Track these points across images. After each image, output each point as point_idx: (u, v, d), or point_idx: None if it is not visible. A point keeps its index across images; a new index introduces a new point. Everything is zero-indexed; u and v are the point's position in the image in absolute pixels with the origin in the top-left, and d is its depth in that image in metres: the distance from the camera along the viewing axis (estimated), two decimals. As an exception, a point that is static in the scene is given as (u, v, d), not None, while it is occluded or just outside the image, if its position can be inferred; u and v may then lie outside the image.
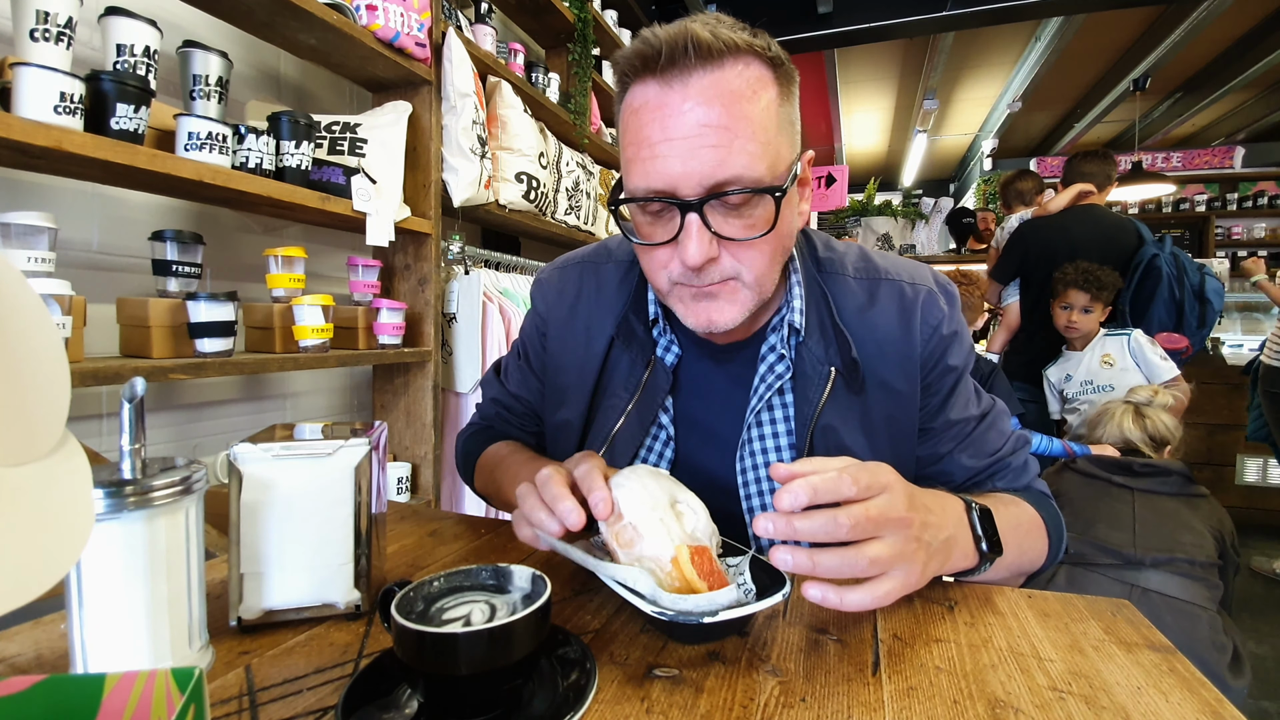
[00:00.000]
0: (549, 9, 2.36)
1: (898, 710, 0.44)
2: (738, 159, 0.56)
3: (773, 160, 0.58)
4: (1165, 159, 6.48)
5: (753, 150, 0.57)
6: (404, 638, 0.40)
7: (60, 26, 0.95)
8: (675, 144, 0.57)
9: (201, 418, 1.48)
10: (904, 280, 0.74)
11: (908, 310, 0.72)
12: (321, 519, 0.54)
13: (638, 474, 0.57)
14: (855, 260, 0.76)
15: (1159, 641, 0.55)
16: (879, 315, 0.72)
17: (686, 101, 0.56)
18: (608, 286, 0.81)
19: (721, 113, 0.56)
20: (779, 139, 0.59)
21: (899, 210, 4.99)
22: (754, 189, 0.57)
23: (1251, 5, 4.09)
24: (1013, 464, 0.76)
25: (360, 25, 1.47)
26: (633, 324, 0.76)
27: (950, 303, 0.74)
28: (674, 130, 0.56)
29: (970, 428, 0.75)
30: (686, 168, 0.57)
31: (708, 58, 0.56)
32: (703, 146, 0.56)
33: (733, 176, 0.57)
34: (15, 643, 0.51)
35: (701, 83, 0.56)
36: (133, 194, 1.30)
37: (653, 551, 0.52)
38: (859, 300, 0.73)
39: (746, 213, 0.60)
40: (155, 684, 0.29)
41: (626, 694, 0.45)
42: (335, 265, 1.82)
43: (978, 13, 3.46)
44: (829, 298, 0.73)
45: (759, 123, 0.57)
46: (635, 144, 0.60)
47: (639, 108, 0.59)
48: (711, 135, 0.56)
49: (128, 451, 0.44)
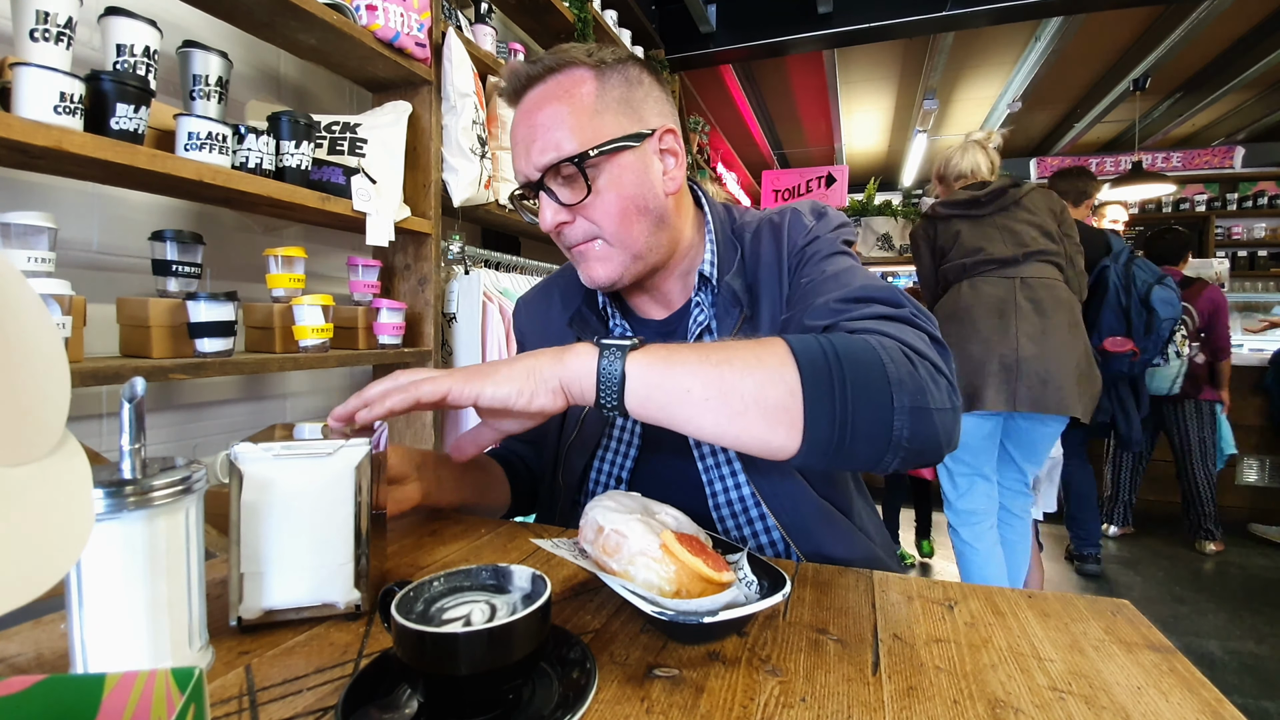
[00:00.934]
0: (549, 9, 2.36)
1: (898, 710, 0.44)
2: (551, 145, 0.72)
3: (587, 137, 0.72)
4: (1165, 159, 6.48)
5: (562, 136, 0.72)
6: (404, 638, 0.40)
7: (60, 26, 0.95)
8: (518, 147, 0.76)
9: (201, 418, 1.48)
10: (774, 212, 0.86)
11: (777, 233, 0.83)
12: (321, 519, 0.54)
13: (611, 495, 0.60)
14: (756, 218, 0.87)
15: (1159, 641, 0.55)
16: (763, 249, 0.82)
17: (521, 115, 0.75)
18: (570, 290, 0.92)
19: (539, 115, 0.73)
20: (596, 119, 0.73)
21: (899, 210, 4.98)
22: (565, 159, 0.72)
23: (1251, 5, 4.09)
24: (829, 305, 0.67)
25: (360, 25, 1.47)
26: (586, 314, 0.87)
27: (818, 217, 0.83)
28: (518, 137, 0.76)
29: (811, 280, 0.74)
30: (526, 161, 0.75)
31: (531, 81, 0.75)
32: (531, 142, 0.73)
33: (550, 160, 0.72)
34: (15, 643, 0.51)
35: (530, 100, 0.75)
36: (133, 194, 1.30)
37: (640, 546, 0.52)
38: (754, 246, 0.84)
39: (575, 183, 0.74)
40: (155, 684, 0.29)
41: (626, 694, 0.45)
42: (335, 265, 1.82)
43: (978, 13, 3.46)
44: (743, 254, 0.83)
45: (569, 114, 0.72)
46: (511, 154, 0.79)
47: (508, 127, 0.78)
48: (534, 133, 0.73)
49: (128, 451, 0.44)
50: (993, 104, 6.41)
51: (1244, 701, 1.97)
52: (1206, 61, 5.12)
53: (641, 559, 0.52)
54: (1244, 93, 5.63)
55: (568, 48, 0.76)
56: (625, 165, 0.75)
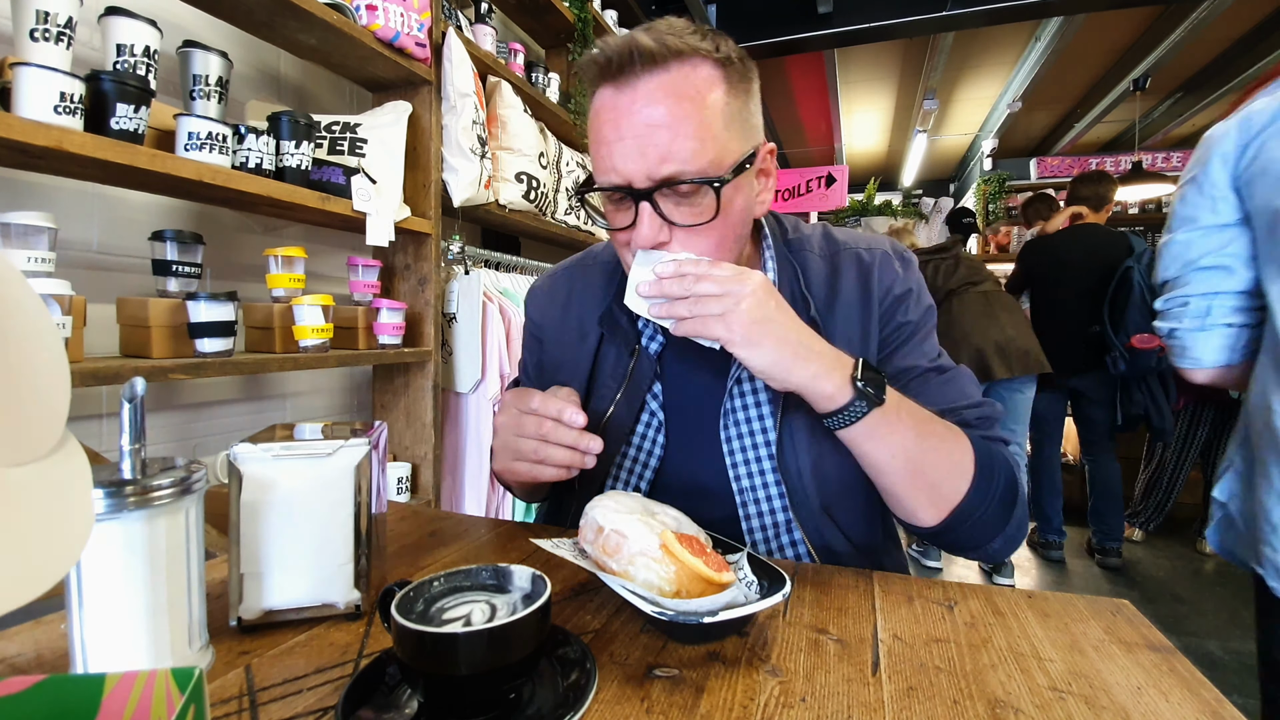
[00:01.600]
0: (549, 9, 2.36)
1: (898, 710, 0.44)
2: (681, 154, 0.62)
3: (717, 154, 0.64)
4: (1165, 159, 6.47)
5: (694, 147, 0.62)
6: (404, 638, 0.40)
7: (60, 26, 0.95)
8: (626, 143, 0.63)
9: (201, 418, 1.48)
10: (861, 248, 0.80)
11: (865, 273, 0.78)
12: (321, 519, 0.54)
13: (611, 495, 0.60)
14: (819, 239, 0.83)
15: (1159, 641, 0.55)
16: (843, 282, 0.78)
17: (635, 103, 0.63)
18: (594, 285, 0.86)
19: (665, 112, 0.62)
20: (726, 134, 0.64)
21: (899, 210, 4.99)
22: (696, 180, 0.63)
23: (1251, 5, 4.09)
24: (966, 417, 0.72)
25: (360, 25, 1.47)
26: (616, 315, 0.81)
27: (905, 266, 0.80)
28: (625, 130, 0.63)
29: (930, 376, 0.76)
30: (635, 163, 0.63)
31: (652, 63, 0.62)
32: (650, 144, 0.62)
33: (676, 171, 0.62)
34: (15, 643, 0.51)
35: (649, 85, 0.62)
36: (133, 194, 1.30)
37: (640, 546, 0.52)
38: (824, 273, 0.79)
39: (694, 201, 0.65)
40: (155, 684, 0.29)
41: (626, 694, 0.45)
42: (335, 265, 1.82)
43: (978, 13, 3.46)
44: (799, 272, 0.79)
45: (702, 120, 0.63)
46: (596, 143, 0.67)
47: (598, 110, 0.66)
48: (656, 134, 0.62)
49: (128, 451, 0.44)
50: (993, 104, 6.41)
51: (1244, 701, 1.97)
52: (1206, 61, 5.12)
53: (641, 559, 0.52)
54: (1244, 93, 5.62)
55: (681, 27, 0.65)
56: (739, 189, 0.67)
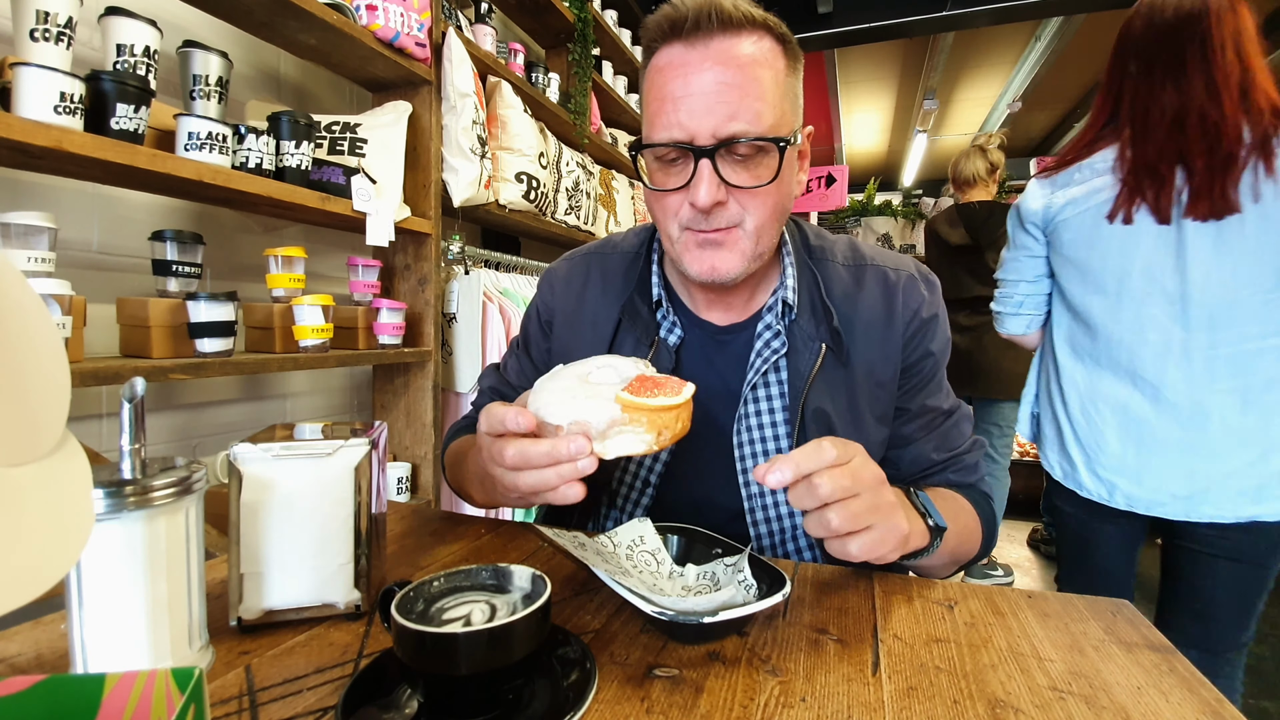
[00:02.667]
0: (549, 9, 2.36)
1: (898, 710, 0.44)
2: (747, 114, 0.63)
3: (777, 121, 0.65)
4: (1165, 159, 6.46)
5: (760, 109, 0.64)
6: (404, 638, 0.40)
7: (60, 26, 0.95)
8: (695, 98, 0.64)
9: (201, 418, 1.48)
10: (888, 266, 0.81)
11: (890, 293, 0.78)
12: (321, 519, 0.54)
13: (541, 385, 0.60)
14: (844, 249, 0.83)
15: (1159, 641, 0.55)
16: (865, 298, 0.78)
17: (706, 61, 0.64)
18: (614, 273, 0.85)
19: (736, 73, 0.63)
20: (784, 104, 0.66)
21: (899, 210, 4.98)
22: (761, 139, 0.64)
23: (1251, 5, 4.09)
24: (967, 462, 0.81)
25: (360, 25, 1.47)
26: (637, 305, 0.81)
27: (930, 289, 0.80)
28: (695, 86, 0.64)
29: (940, 420, 0.81)
30: (703, 119, 0.63)
31: (728, 26, 0.64)
32: (719, 101, 0.63)
33: (742, 129, 0.63)
34: (15, 643, 0.51)
35: (721, 46, 0.64)
36: (133, 194, 1.30)
37: (605, 420, 0.53)
38: (847, 285, 0.79)
39: (753, 164, 0.66)
40: (155, 684, 0.29)
41: (626, 694, 0.45)
42: (335, 265, 1.82)
43: (978, 13, 3.46)
44: (819, 280, 0.79)
45: (768, 86, 0.64)
46: (659, 99, 0.66)
47: (664, 66, 0.66)
48: (727, 92, 0.63)
49: (128, 451, 0.44)
50: (993, 104, 6.42)
51: (1244, 701, 1.97)
52: (1206, 61, 5.11)
53: (614, 430, 0.53)
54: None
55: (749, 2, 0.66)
56: (791, 161, 0.69)
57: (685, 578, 0.62)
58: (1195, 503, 1.14)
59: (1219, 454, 1.11)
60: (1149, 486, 1.17)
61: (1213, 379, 1.11)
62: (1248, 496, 1.11)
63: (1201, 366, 1.11)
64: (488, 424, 0.58)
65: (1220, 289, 1.08)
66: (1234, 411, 1.10)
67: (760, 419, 0.77)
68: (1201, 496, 1.13)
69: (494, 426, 0.57)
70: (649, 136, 0.68)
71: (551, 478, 0.53)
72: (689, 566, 0.63)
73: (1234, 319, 1.09)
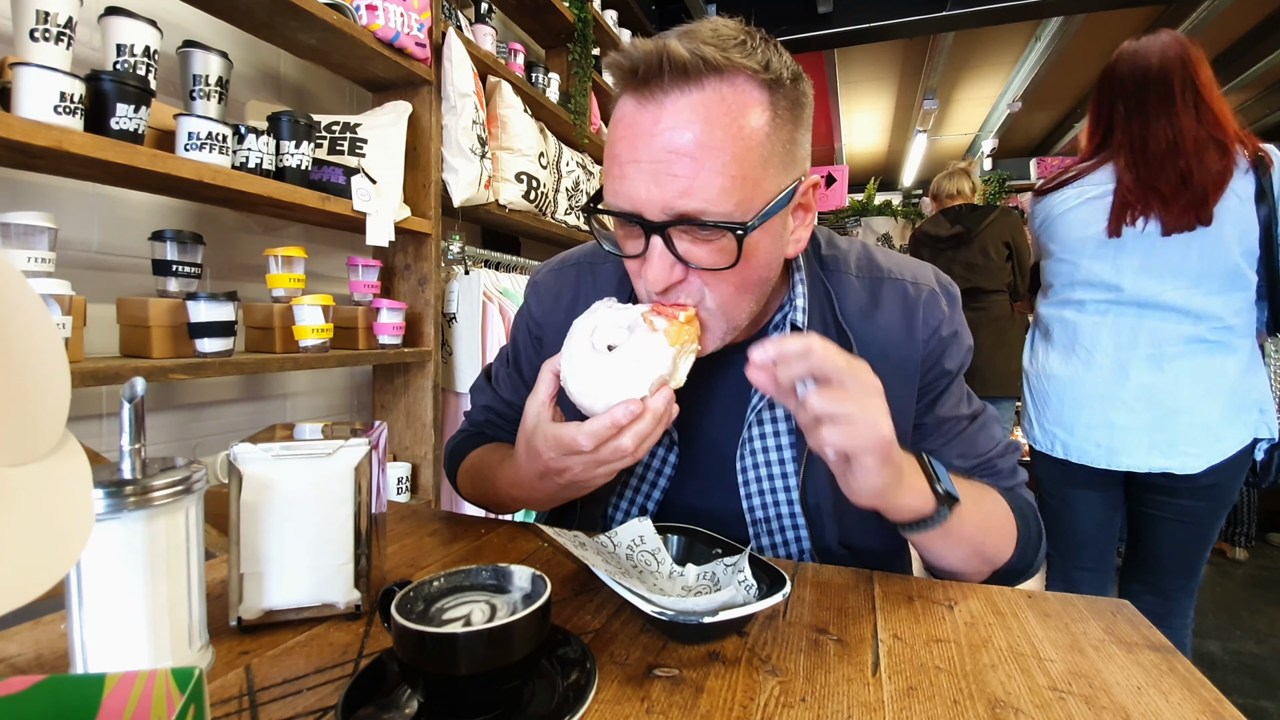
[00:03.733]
0: (549, 9, 2.36)
1: (898, 710, 0.44)
2: (704, 191, 0.54)
3: (748, 192, 0.55)
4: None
5: (721, 183, 0.54)
6: (404, 638, 0.40)
7: (60, 26, 0.95)
8: (642, 166, 0.55)
9: (201, 418, 1.48)
10: (907, 280, 0.74)
11: (910, 310, 0.72)
12: (321, 519, 0.54)
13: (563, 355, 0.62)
14: (858, 258, 0.76)
15: (1159, 641, 0.55)
16: (883, 315, 0.72)
17: (658, 124, 0.54)
18: (605, 288, 0.79)
19: (692, 140, 0.53)
20: (761, 170, 0.56)
21: (899, 210, 4.99)
22: (717, 224, 0.55)
23: (1251, 5, 4.09)
24: (1000, 466, 0.75)
25: (360, 25, 1.47)
26: None
27: (951, 304, 0.74)
28: (641, 153, 0.55)
29: (961, 426, 0.75)
30: (649, 194, 0.55)
31: (684, 77, 0.53)
32: (667, 174, 0.54)
33: (697, 209, 0.54)
34: (15, 643, 0.51)
35: (676, 105, 0.54)
36: (133, 194, 1.30)
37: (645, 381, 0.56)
38: (862, 300, 0.73)
39: (715, 243, 0.57)
40: (155, 684, 0.29)
41: (626, 694, 0.45)
42: (335, 265, 1.82)
43: (978, 13, 3.46)
44: (833, 297, 0.72)
45: (735, 153, 0.54)
46: (610, 158, 0.59)
47: (617, 121, 0.58)
48: (679, 163, 0.53)
49: (128, 451, 0.44)
50: (993, 104, 6.42)
51: (1244, 701, 1.97)
52: (1206, 61, 5.12)
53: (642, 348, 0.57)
54: (1244, 93, 5.63)
55: (727, 36, 0.55)
56: (769, 231, 0.59)
57: (685, 578, 0.62)
58: (1115, 453, 1.36)
59: (1133, 409, 1.33)
60: (1080, 436, 1.41)
61: (1134, 346, 1.34)
62: (1159, 450, 1.32)
63: (1127, 337, 1.35)
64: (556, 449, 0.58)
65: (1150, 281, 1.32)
66: (1147, 372, 1.33)
67: (765, 442, 0.74)
68: (1120, 448, 1.35)
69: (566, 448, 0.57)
70: (605, 196, 0.60)
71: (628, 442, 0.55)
72: (689, 566, 0.63)
73: (1158, 303, 1.32)
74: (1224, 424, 1.30)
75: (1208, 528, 1.39)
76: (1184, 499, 1.37)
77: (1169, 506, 1.39)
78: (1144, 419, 1.33)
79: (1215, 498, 1.36)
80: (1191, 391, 1.30)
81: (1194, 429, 1.31)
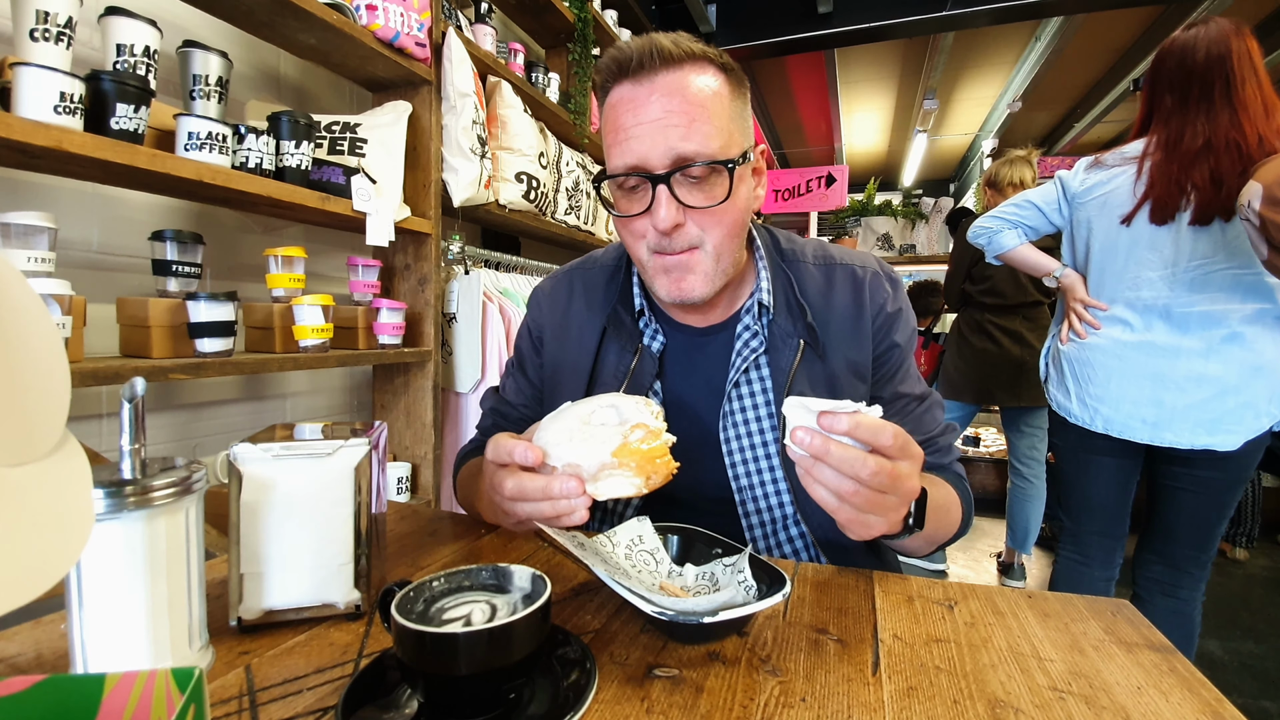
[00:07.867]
0: (549, 9, 2.36)
1: (898, 710, 0.44)
2: (696, 137, 0.67)
3: (725, 142, 0.69)
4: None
5: (708, 131, 0.68)
6: (404, 638, 0.40)
7: (60, 26, 0.95)
8: (644, 126, 0.68)
9: (201, 418, 1.48)
10: (855, 264, 0.86)
11: (859, 289, 0.83)
12: (321, 519, 0.54)
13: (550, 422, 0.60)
14: (814, 251, 0.88)
15: (1159, 641, 0.55)
16: (837, 296, 0.83)
17: (654, 94, 0.68)
18: (596, 287, 0.89)
19: (682, 102, 0.68)
20: (731, 127, 0.70)
21: (899, 210, 4.98)
22: (711, 161, 0.68)
23: (1251, 5, 4.09)
24: (941, 444, 0.84)
25: (360, 25, 1.47)
26: (621, 315, 0.85)
27: (893, 285, 0.85)
28: (643, 116, 0.68)
29: (913, 406, 0.84)
30: (654, 145, 0.68)
31: (669, 61, 0.68)
32: (667, 127, 0.67)
33: (693, 152, 0.67)
34: (15, 643, 0.51)
35: (666, 80, 0.68)
36: (133, 194, 1.30)
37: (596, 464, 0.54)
38: (819, 283, 0.84)
39: (706, 185, 0.70)
40: (155, 684, 0.29)
41: (626, 694, 0.45)
42: (335, 265, 1.82)
43: (978, 13, 3.46)
44: (793, 281, 0.83)
45: (713, 112, 0.68)
46: (613, 131, 0.71)
47: (616, 103, 0.71)
48: (674, 118, 0.67)
49: (128, 451, 0.44)
50: (993, 104, 6.42)
51: (1244, 701, 1.97)
52: (1206, 61, 5.11)
53: (604, 473, 0.54)
54: None
55: (688, 38, 0.71)
56: (743, 178, 0.73)
57: (684, 578, 0.62)
58: (1159, 429, 1.40)
59: (1184, 389, 1.37)
60: (1124, 413, 1.44)
61: (1187, 327, 1.37)
62: (1204, 428, 1.36)
63: (1179, 320, 1.38)
64: (494, 454, 0.59)
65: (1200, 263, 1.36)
66: (1199, 357, 1.36)
67: (745, 414, 0.81)
68: (1166, 424, 1.39)
69: (500, 457, 0.59)
70: (609, 167, 0.73)
71: (546, 509, 0.55)
72: (688, 567, 0.63)
73: (1207, 287, 1.36)
74: (1266, 401, 1.34)
75: (1224, 499, 1.42)
76: (1201, 469, 1.40)
77: (1184, 477, 1.43)
78: (1194, 398, 1.36)
79: (1232, 470, 1.39)
80: (1240, 371, 1.33)
81: (1240, 408, 1.33)
